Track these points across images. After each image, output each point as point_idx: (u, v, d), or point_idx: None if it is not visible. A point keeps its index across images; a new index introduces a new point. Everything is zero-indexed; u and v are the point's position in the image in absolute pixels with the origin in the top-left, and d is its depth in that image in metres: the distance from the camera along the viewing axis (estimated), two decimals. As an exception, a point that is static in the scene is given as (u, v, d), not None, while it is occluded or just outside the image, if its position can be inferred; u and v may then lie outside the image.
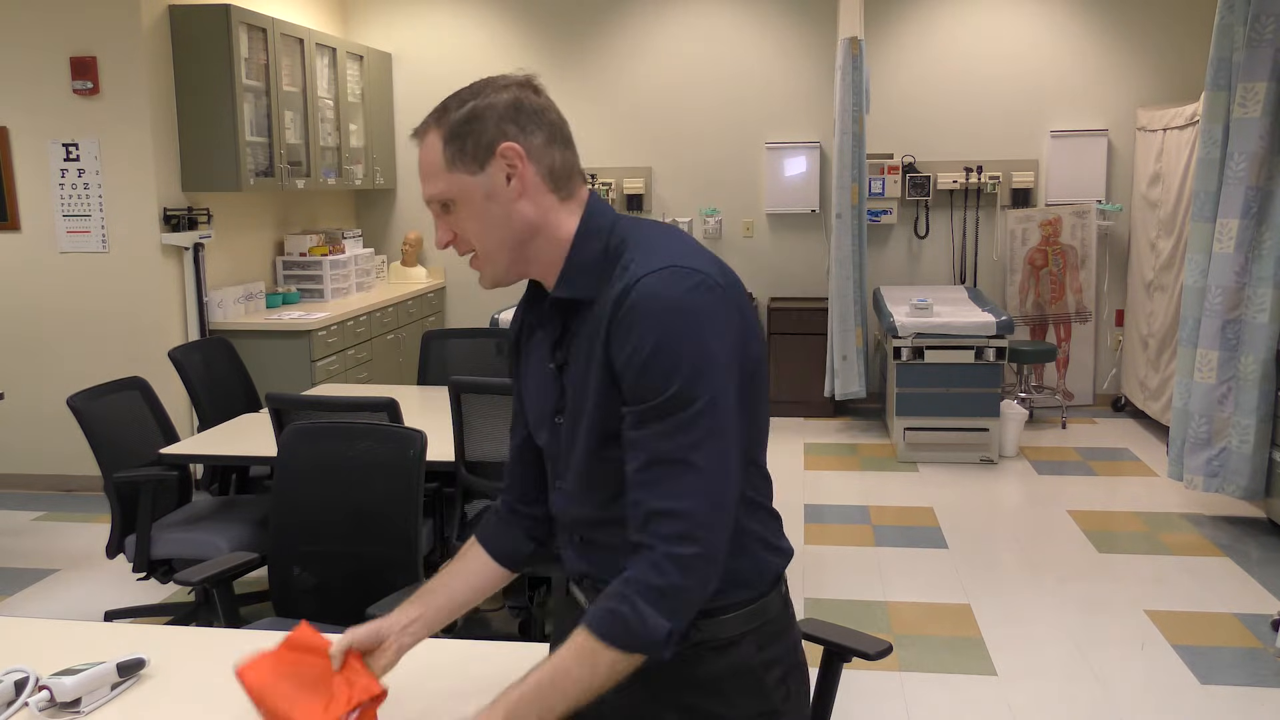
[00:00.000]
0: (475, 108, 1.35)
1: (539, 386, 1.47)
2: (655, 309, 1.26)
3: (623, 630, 1.27)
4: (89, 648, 1.87)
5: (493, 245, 1.37)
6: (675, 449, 1.26)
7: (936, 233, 7.09)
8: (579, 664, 1.28)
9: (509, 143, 1.34)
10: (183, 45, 5.34)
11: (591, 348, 1.33)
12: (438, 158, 1.35)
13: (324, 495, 2.66)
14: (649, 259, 1.30)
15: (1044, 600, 4.01)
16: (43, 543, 4.81)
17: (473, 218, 1.35)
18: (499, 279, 1.41)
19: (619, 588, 1.29)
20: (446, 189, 1.35)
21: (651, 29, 7.07)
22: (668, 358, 1.25)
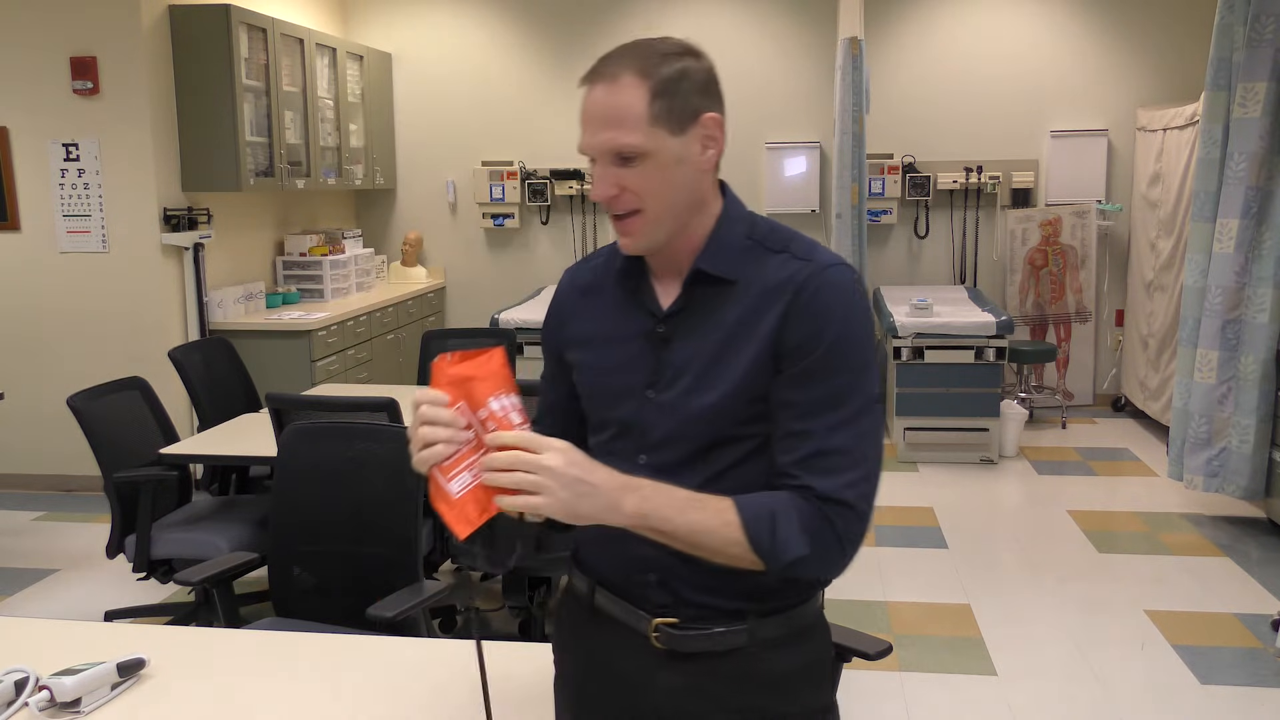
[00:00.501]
0: (685, 69, 1.31)
1: (621, 359, 1.41)
2: (843, 299, 1.31)
3: (764, 535, 1.27)
4: (89, 648, 1.87)
5: (664, 209, 1.33)
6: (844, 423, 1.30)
7: (936, 233, 7.09)
8: (713, 521, 1.27)
9: (713, 114, 1.33)
10: (183, 45, 5.34)
11: (742, 327, 1.33)
12: (640, 109, 1.28)
13: (324, 495, 2.66)
14: (819, 253, 1.35)
15: (1044, 600, 4.01)
16: (43, 543, 4.81)
17: (657, 179, 1.31)
18: (652, 244, 1.36)
19: (785, 498, 1.29)
20: (643, 143, 1.29)
21: (651, 29, 7.07)
22: (850, 347, 1.31)
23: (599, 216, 7.32)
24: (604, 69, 1.31)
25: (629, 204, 1.32)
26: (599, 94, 1.30)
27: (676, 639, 1.38)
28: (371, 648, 1.94)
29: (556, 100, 7.26)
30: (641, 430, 1.39)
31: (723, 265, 1.35)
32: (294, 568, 2.64)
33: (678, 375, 1.36)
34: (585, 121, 1.33)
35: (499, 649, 1.90)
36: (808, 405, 1.30)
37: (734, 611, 1.38)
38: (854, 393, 1.31)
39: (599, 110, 1.30)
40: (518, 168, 7.25)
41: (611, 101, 1.29)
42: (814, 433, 1.30)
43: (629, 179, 1.31)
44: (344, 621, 2.42)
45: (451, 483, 1.23)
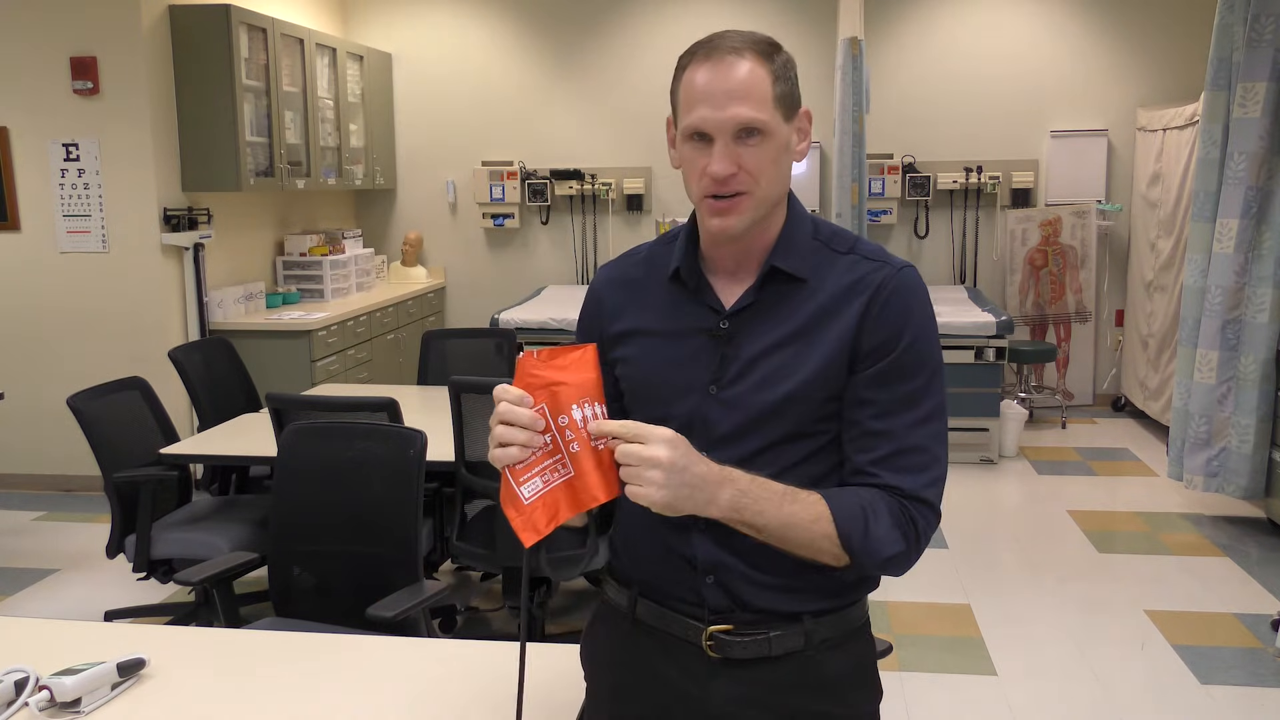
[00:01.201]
0: (789, 60, 1.35)
1: (678, 357, 1.39)
2: (919, 301, 1.36)
3: (855, 533, 1.29)
4: (89, 648, 1.87)
5: (771, 193, 1.33)
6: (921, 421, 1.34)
7: (936, 233, 7.09)
8: (805, 516, 1.28)
9: (807, 109, 1.37)
10: (183, 45, 5.34)
11: (817, 326, 1.34)
12: (766, 88, 1.29)
13: (324, 495, 2.66)
14: (889, 255, 1.38)
15: (1044, 600, 4.01)
16: (43, 543, 4.81)
17: (773, 160, 1.31)
18: (749, 227, 1.34)
19: (874, 495, 1.31)
20: (769, 121, 1.29)
21: (651, 29, 7.07)
22: (927, 347, 1.36)
23: (599, 216, 7.32)
24: (726, 45, 1.30)
25: (742, 183, 1.30)
26: (725, 70, 1.28)
27: (731, 645, 1.37)
28: (371, 648, 1.94)
29: (556, 100, 7.26)
30: (704, 426, 1.37)
31: (796, 263, 1.37)
32: (294, 568, 2.64)
33: (745, 371, 1.35)
34: (707, 96, 1.29)
35: (499, 649, 1.90)
36: (887, 405, 1.33)
37: (790, 614, 1.37)
38: (930, 393, 1.35)
39: (729, 84, 1.28)
40: (518, 168, 7.25)
41: (741, 77, 1.28)
42: (894, 432, 1.33)
43: (747, 158, 1.30)
44: (344, 621, 2.42)
45: (523, 487, 1.22)
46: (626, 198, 7.22)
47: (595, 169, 7.20)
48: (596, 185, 7.16)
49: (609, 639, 1.49)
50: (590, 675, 1.54)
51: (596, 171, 7.20)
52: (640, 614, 1.43)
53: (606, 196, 7.21)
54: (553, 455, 1.22)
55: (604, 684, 1.51)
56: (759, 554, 1.33)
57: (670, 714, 1.41)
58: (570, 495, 1.23)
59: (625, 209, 7.25)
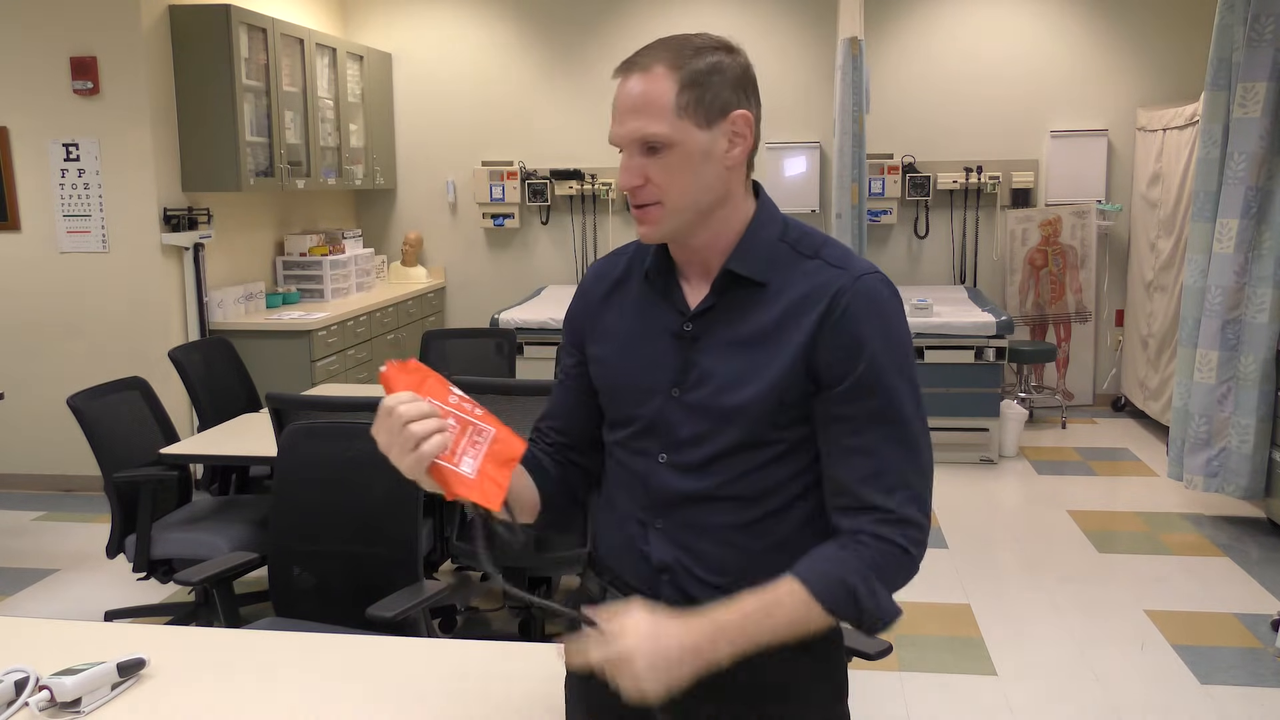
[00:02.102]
0: (718, 63, 1.33)
1: (645, 358, 1.41)
2: (878, 311, 1.31)
3: (852, 607, 1.27)
4: (89, 648, 1.87)
5: (686, 203, 1.33)
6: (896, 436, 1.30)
7: (936, 233, 7.09)
8: (792, 619, 1.27)
9: (743, 111, 1.35)
10: (183, 45, 5.34)
11: (775, 332, 1.33)
12: (667, 99, 1.29)
13: (324, 495, 2.66)
14: (853, 261, 1.35)
15: (1044, 600, 4.01)
16: (43, 543, 4.81)
17: (681, 171, 1.31)
18: (671, 235, 1.36)
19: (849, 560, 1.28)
20: (668, 134, 1.29)
21: (651, 29, 7.07)
22: (891, 356, 1.31)
23: (599, 216, 7.32)
24: (637, 60, 1.32)
25: (651, 195, 1.32)
26: (630, 84, 1.31)
27: None
28: (371, 648, 1.94)
29: (556, 100, 7.26)
30: (666, 429, 1.38)
31: (753, 267, 1.35)
32: (294, 568, 2.64)
33: (705, 375, 1.35)
34: (616, 111, 1.33)
35: (499, 649, 1.90)
36: (862, 419, 1.31)
37: None
38: (903, 401, 1.31)
39: (628, 99, 1.31)
40: (518, 168, 7.25)
41: (640, 90, 1.30)
42: (872, 448, 1.30)
43: (653, 169, 1.31)
44: (344, 621, 2.42)
45: (461, 466, 1.25)
46: (626, 198, 7.20)
47: (595, 169, 7.20)
48: (596, 185, 7.16)
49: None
50: (570, 683, 1.55)
51: (596, 171, 7.20)
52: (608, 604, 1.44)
53: (606, 196, 7.21)
54: (466, 430, 1.27)
55: (576, 674, 1.52)
56: (713, 556, 1.35)
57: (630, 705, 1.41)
58: (504, 450, 1.30)
59: (625, 209, 7.25)
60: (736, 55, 1.37)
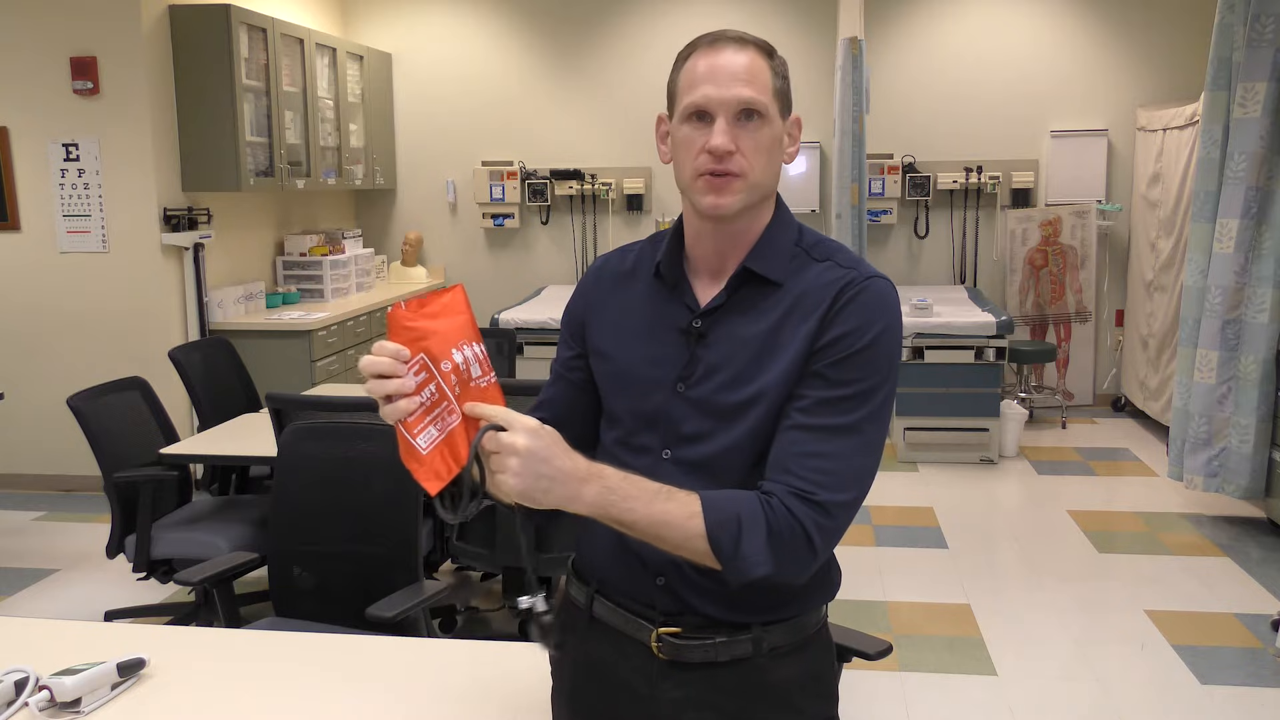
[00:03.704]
0: (785, 64, 1.39)
1: (651, 352, 1.40)
2: (881, 311, 1.33)
3: (726, 542, 1.25)
4: (89, 648, 1.87)
5: (762, 179, 1.35)
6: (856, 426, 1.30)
7: (936, 233, 7.09)
8: (679, 514, 1.25)
9: (798, 115, 1.41)
10: (183, 45, 5.34)
11: (783, 330, 1.33)
12: (768, 78, 1.34)
13: (324, 495, 2.66)
14: (864, 265, 1.37)
15: (1044, 600, 4.01)
16: (43, 543, 4.81)
17: (766, 148, 1.34)
18: (740, 209, 1.35)
19: (753, 505, 1.27)
20: (769, 105, 1.33)
21: (652, 29, 7.07)
22: (876, 356, 1.31)
23: (599, 216, 7.32)
24: (730, 36, 1.35)
25: (738, 164, 1.33)
26: (733, 53, 1.33)
27: (679, 649, 1.37)
28: (371, 648, 1.94)
29: (556, 100, 7.26)
30: (670, 424, 1.38)
31: (770, 267, 1.37)
32: (294, 568, 2.64)
33: (712, 371, 1.35)
34: (711, 76, 1.32)
35: (499, 649, 1.90)
36: (820, 402, 1.30)
37: (738, 621, 1.37)
38: (866, 399, 1.31)
39: (734, 66, 1.32)
40: (518, 168, 7.25)
41: (747, 63, 1.32)
42: (817, 431, 1.30)
43: (744, 140, 1.32)
44: (344, 621, 2.42)
45: (419, 438, 1.22)
46: (626, 198, 7.22)
47: (595, 169, 7.20)
48: (596, 185, 7.16)
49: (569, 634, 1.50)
50: (554, 669, 1.55)
51: (596, 171, 7.20)
52: (596, 611, 1.44)
53: (606, 196, 7.21)
54: (440, 403, 1.23)
55: (564, 678, 1.52)
56: None
57: (620, 712, 1.43)
58: (466, 438, 1.24)
59: (625, 209, 7.25)
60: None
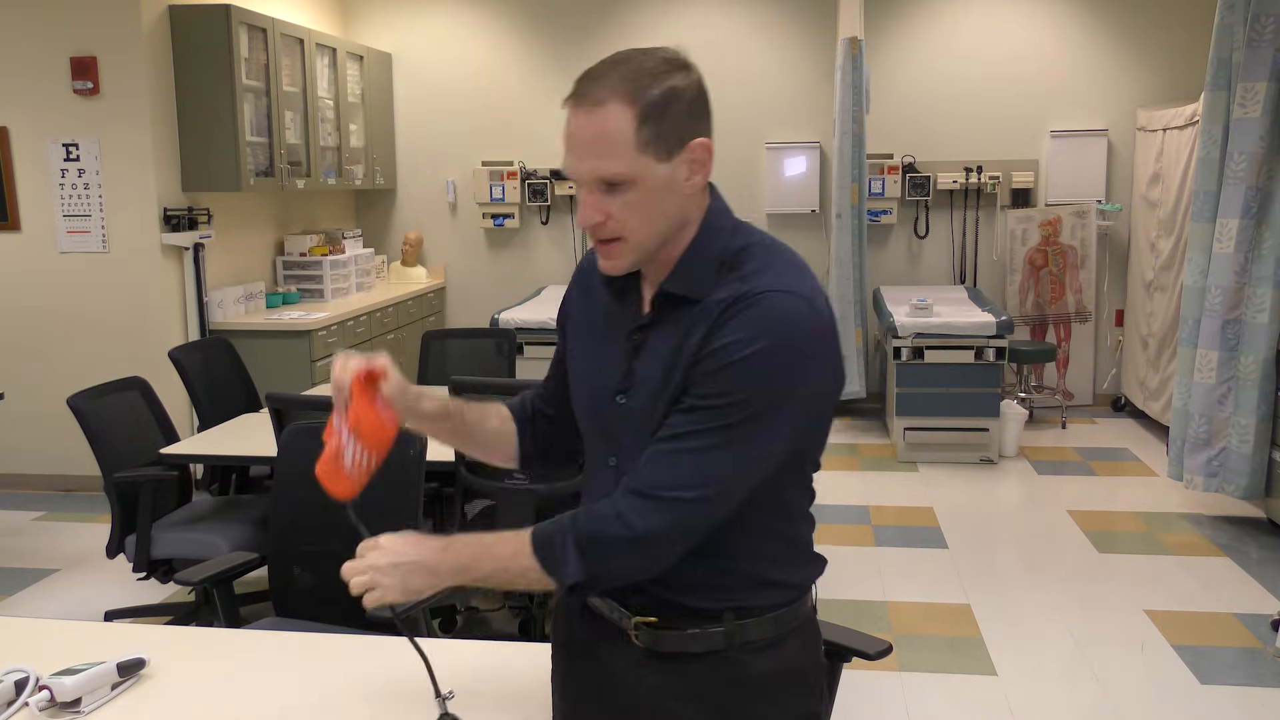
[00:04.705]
0: (675, 89, 1.26)
1: (601, 362, 1.41)
2: (767, 326, 1.25)
3: (547, 554, 1.31)
4: (89, 648, 1.87)
5: (650, 234, 1.30)
6: (703, 444, 1.27)
7: (936, 233, 7.09)
8: (504, 546, 1.34)
9: (703, 139, 1.29)
10: (183, 45, 5.34)
11: (683, 346, 1.30)
12: (627, 135, 1.24)
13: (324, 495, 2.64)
14: (774, 277, 1.29)
15: (1044, 600, 4.01)
16: (43, 543, 4.81)
17: (643, 205, 1.27)
18: (634, 266, 1.34)
19: (568, 519, 1.32)
20: (630, 171, 1.25)
21: (651, 29, 7.07)
22: (750, 371, 1.25)
23: (599, 216, 7.31)
24: (589, 91, 1.26)
25: (613, 231, 1.30)
26: (584, 119, 1.25)
27: (655, 638, 1.40)
28: (371, 648, 1.94)
29: (557, 100, 7.25)
30: (611, 434, 1.41)
31: (688, 285, 1.33)
32: (294, 568, 2.64)
33: (642, 384, 1.35)
34: (570, 146, 1.28)
35: (499, 649, 1.90)
36: (685, 410, 1.28)
37: (709, 613, 1.38)
38: (734, 412, 1.26)
39: (584, 137, 1.26)
40: (518, 168, 7.25)
41: (597, 128, 1.25)
42: (672, 439, 1.29)
43: (614, 207, 1.28)
44: (344, 621, 2.42)
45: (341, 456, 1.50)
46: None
47: (595, 169, 7.19)
48: (596, 185, 7.15)
49: (565, 620, 1.54)
50: (553, 654, 1.59)
51: (596, 171, 7.19)
52: (588, 599, 1.47)
53: (606, 196, 7.20)
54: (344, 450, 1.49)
55: (559, 665, 1.56)
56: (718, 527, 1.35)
57: (605, 698, 1.46)
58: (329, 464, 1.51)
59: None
60: (691, 74, 1.30)
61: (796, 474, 1.40)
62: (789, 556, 1.43)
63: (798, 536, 1.44)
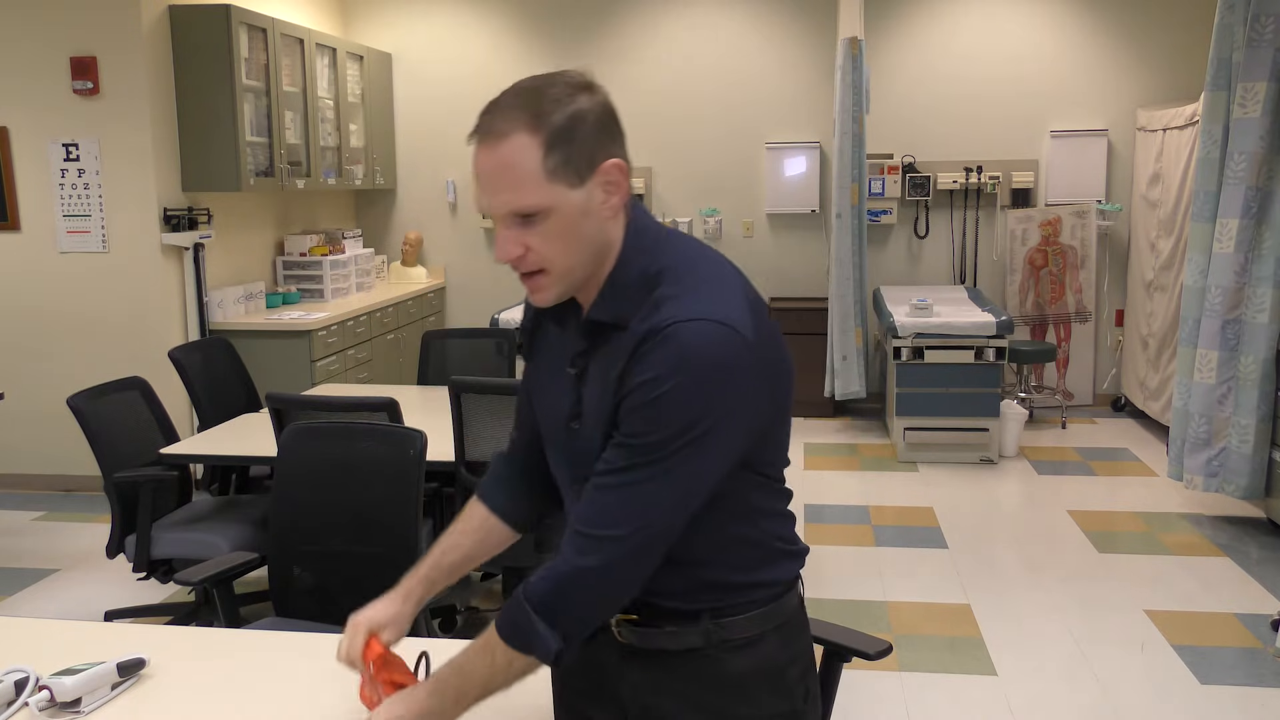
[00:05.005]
0: (579, 112, 1.23)
1: (555, 389, 1.42)
2: (675, 363, 1.22)
3: (518, 639, 1.31)
4: (89, 648, 1.87)
5: (574, 264, 1.28)
6: (634, 480, 1.25)
7: (936, 233, 7.09)
8: (480, 657, 1.34)
9: (616, 160, 1.26)
10: (183, 45, 5.34)
11: (608, 375, 1.29)
12: (534, 165, 1.21)
13: (324, 495, 2.66)
14: (686, 304, 1.25)
15: (1044, 600, 4.01)
16: (43, 543, 4.81)
17: (561, 234, 1.25)
18: (561, 297, 1.32)
19: (520, 592, 1.31)
20: (543, 201, 1.22)
21: (652, 29, 7.07)
22: (670, 408, 1.22)
23: (599, 216, 7.31)
24: (491, 124, 1.23)
25: (534, 263, 1.27)
26: (488, 153, 1.23)
27: (636, 635, 1.41)
28: (371, 648, 1.93)
29: (556, 100, 7.25)
30: (571, 462, 1.41)
31: (612, 312, 1.30)
32: (294, 568, 2.64)
33: (589, 412, 1.35)
34: (479, 182, 1.25)
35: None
36: (614, 447, 1.27)
37: (686, 612, 1.38)
38: (652, 453, 1.24)
39: (491, 171, 1.23)
40: (518, 168, 7.23)
41: (503, 161, 1.22)
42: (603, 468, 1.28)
43: (532, 239, 1.25)
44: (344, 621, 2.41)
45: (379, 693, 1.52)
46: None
47: (595, 169, 7.19)
48: (596, 185, 7.15)
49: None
50: None
51: (596, 171, 7.19)
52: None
53: (606, 196, 7.20)
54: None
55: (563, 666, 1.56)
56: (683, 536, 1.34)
57: (597, 692, 1.47)
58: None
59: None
60: (596, 94, 1.27)
61: (758, 482, 1.38)
62: (764, 557, 1.41)
63: (771, 537, 1.42)
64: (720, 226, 7.19)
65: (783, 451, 1.41)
